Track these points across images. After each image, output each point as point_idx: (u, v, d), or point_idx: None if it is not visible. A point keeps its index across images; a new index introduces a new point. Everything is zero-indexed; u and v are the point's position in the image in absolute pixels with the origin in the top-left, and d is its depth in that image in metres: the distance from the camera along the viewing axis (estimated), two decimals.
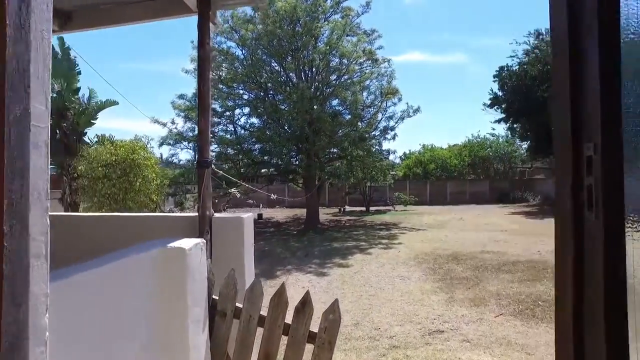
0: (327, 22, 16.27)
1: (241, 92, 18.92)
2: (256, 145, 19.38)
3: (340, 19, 16.65)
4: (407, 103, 18.96)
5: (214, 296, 2.32)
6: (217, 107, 18.96)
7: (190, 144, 18.94)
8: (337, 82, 17.51)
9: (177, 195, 22.29)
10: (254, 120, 19.79)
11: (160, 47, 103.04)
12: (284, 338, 2.74)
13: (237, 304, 2.30)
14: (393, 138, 18.77)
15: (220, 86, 18.06)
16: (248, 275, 3.18)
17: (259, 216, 22.44)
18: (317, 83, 17.43)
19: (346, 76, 16.93)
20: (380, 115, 18.71)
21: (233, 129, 19.88)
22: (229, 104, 18.89)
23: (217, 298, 2.29)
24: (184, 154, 24.95)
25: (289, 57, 17.06)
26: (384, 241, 13.79)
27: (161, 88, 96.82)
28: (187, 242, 2.01)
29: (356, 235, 15.63)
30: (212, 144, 19.74)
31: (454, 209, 26.96)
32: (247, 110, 19.44)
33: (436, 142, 57.43)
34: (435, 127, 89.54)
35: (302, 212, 22.38)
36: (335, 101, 18.48)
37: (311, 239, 15.31)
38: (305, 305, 2.16)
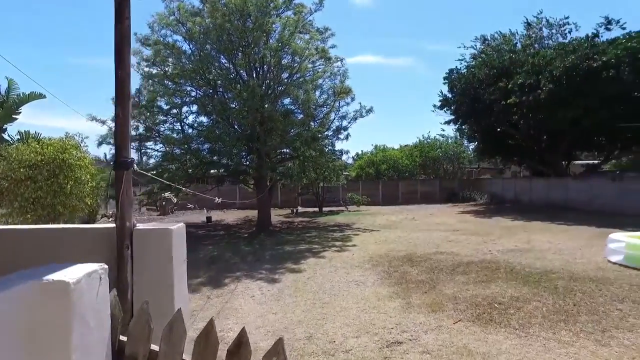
0: (279, 18, 15.72)
1: (189, 89, 17.95)
2: (205, 145, 18.47)
3: (293, 16, 16.15)
4: (360, 103, 18.84)
5: (121, 337, 1.77)
6: (163, 104, 17.90)
7: (133, 143, 17.72)
8: (289, 80, 17.00)
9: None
10: (203, 119, 18.90)
11: (102, 41, 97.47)
12: None
13: (152, 347, 1.75)
14: (346, 138, 18.57)
15: (166, 82, 17.02)
16: (179, 300, 2.61)
17: (208, 219, 21.49)
18: (268, 81, 16.84)
19: (298, 74, 16.45)
20: (333, 115, 18.43)
21: (180, 127, 18.82)
22: (176, 101, 17.85)
23: (125, 340, 1.74)
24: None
25: (240, 54, 16.34)
26: (337, 243, 13.46)
27: (103, 84, 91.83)
28: (75, 272, 1.44)
29: (309, 238, 15.21)
30: (157, 143, 18.74)
31: (406, 208, 27.28)
32: (195, 108, 18.49)
33: (388, 142, 58.40)
34: (387, 128, 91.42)
35: (254, 214, 21.66)
36: (287, 100, 17.98)
37: (262, 242, 14.70)
38: (240, 347, 1.64)
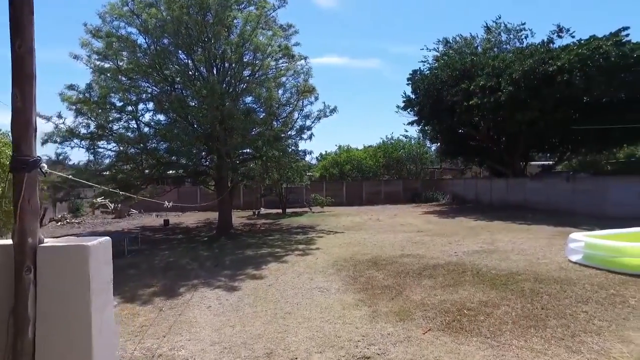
0: (240, 13, 15.06)
1: (145, 85, 16.94)
2: (162, 145, 17.53)
3: (255, 11, 15.55)
4: (324, 102, 18.48)
5: None
6: (117, 100, 16.83)
7: (84, 142, 16.55)
8: (251, 78, 16.39)
9: (68, 200, 19.50)
10: (161, 117, 17.93)
11: (50, 34, 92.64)
12: None
13: None
14: (310, 138, 18.13)
15: (121, 77, 15.98)
16: (99, 340, 2.06)
17: (165, 222, 20.49)
18: (229, 78, 16.13)
19: (260, 72, 15.85)
20: (296, 114, 17.98)
21: (136, 126, 17.75)
22: (131, 98, 16.82)
23: None
24: (76, 154, 22.00)
25: (199, 49, 15.57)
26: (300, 247, 13.02)
27: (51, 79, 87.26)
28: None
29: (271, 241, 14.68)
30: (109, 142, 17.58)
31: (370, 209, 27.22)
32: (152, 105, 17.51)
33: (352, 143, 58.56)
34: (352, 129, 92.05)
35: (215, 216, 20.84)
36: (249, 99, 17.36)
37: (222, 246, 14.06)
38: None
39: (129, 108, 17.08)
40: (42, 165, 2.11)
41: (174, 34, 14.45)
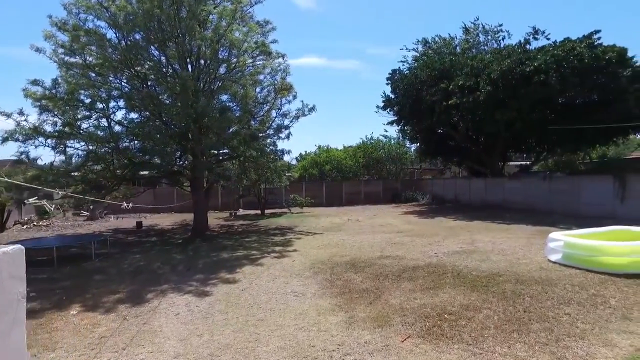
0: (214, 7, 14.52)
1: (115, 81, 16.21)
2: (135, 144, 16.86)
3: (230, 5, 15.04)
4: (302, 101, 18.14)
5: None
6: (85, 97, 16.06)
7: (49, 140, 15.73)
8: (227, 75, 15.87)
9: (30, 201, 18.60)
10: (134, 115, 17.23)
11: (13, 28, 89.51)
12: None
13: None
14: (287, 137, 17.73)
15: (91, 74, 15.22)
16: None
17: (138, 224, 19.76)
18: (204, 75, 15.59)
19: (237, 69, 15.35)
20: (274, 113, 17.54)
21: (107, 124, 17.00)
22: (102, 95, 16.09)
23: None
24: (42, 152, 20.95)
25: (172, 44, 14.97)
26: (277, 249, 12.62)
27: (12, 75, 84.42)
28: None
29: (248, 243, 14.23)
30: (78, 141, 16.77)
31: (349, 209, 26.98)
32: (123, 103, 16.77)
33: (332, 143, 58.31)
34: (332, 129, 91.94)
35: (191, 218, 20.21)
36: (225, 97, 16.85)
37: (197, 248, 13.54)
38: None
39: (100, 105, 16.36)
40: None
41: (145, 28, 13.84)
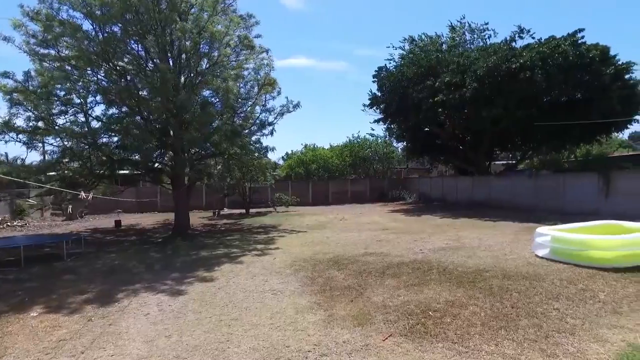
0: None
1: (93, 75, 15.59)
2: (115, 140, 16.30)
3: None
4: (287, 97, 17.76)
5: None
6: (61, 91, 15.43)
7: (21, 136, 15.08)
8: (209, 69, 15.39)
9: (4, 200, 17.87)
10: (114, 110, 16.62)
11: None
12: None
13: None
14: (271, 133, 17.33)
15: (67, 67, 14.61)
16: None
17: (117, 223, 19.15)
18: (185, 69, 15.09)
19: (219, 63, 14.87)
20: (258, 109, 17.14)
21: (85, 119, 16.37)
22: (80, 89, 15.48)
23: None
24: (13, 148, 20.13)
25: (151, 37, 14.44)
26: (259, 247, 12.22)
27: None
28: None
29: (229, 241, 13.80)
30: (53, 136, 16.09)
31: (336, 208, 26.68)
32: (101, 97, 16.15)
33: (318, 142, 57.95)
34: (319, 130, 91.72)
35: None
36: (207, 92, 16.37)
37: (176, 247, 13.06)
38: None
39: (77, 100, 15.76)
40: None
41: (123, 19, 13.31)
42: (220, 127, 14.49)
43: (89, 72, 15.17)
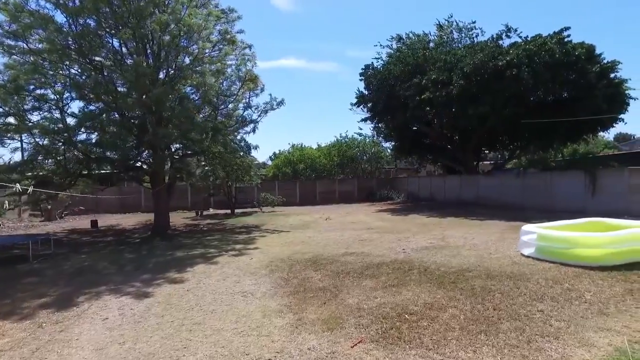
0: None
1: (67, 69, 14.94)
2: (91, 137, 15.68)
3: None
4: (271, 95, 17.33)
5: None
6: (34, 86, 14.78)
7: None
8: (189, 64, 14.87)
9: None
10: (93, 107, 15.98)
11: None
12: None
13: None
14: (253, 131, 16.88)
15: (41, 61, 13.98)
16: None
17: (93, 223, 18.53)
18: (164, 63, 14.54)
19: (199, 58, 14.35)
20: (240, 106, 16.66)
21: (60, 115, 15.72)
22: (56, 85, 14.84)
23: None
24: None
25: (128, 30, 13.89)
26: (238, 247, 11.76)
27: None
28: None
29: (208, 241, 13.32)
30: (24, 133, 15.38)
31: (323, 208, 26.27)
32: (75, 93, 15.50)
33: (306, 142, 57.40)
34: (308, 130, 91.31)
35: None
36: (189, 88, 15.84)
37: (153, 248, 12.54)
38: None
39: (52, 96, 15.12)
40: None
41: (96, 11, 12.76)
42: (200, 124, 13.98)
43: (61, 66, 14.55)
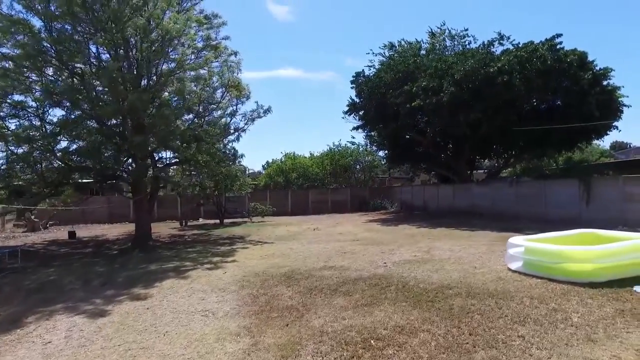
0: None
1: (38, 75, 14.37)
2: (67, 146, 15.20)
3: None
4: (257, 102, 16.94)
5: None
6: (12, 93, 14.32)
7: None
8: (171, 70, 14.44)
9: None
10: (64, 113, 15.46)
11: None
12: None
13: None
14: (237, 139, 16.46)
15: (4, 63, 13.44)
16: None
17: (70, 235, 17.98)
18: (144, 69, 14.08)
19: (175, 63, 13.92)
20: (220, 112, 16.21)
21: (40, 123, 15.24)
22: (37, 93, 14.38)
23: None
24: None
25: (102, 33, 13.39)
26: (215, 259, 11.24)
27: None
28: None
29: (188, 253, 12.79)
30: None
31: (314, 218, 25.78)
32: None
33: (299, 150, 56.86)
34: (304, 140, 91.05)
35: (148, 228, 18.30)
36: (167, 94, 15.41)
37: (128, 260, 12.01)
38: None
39: (33, 104, 14.64)
40: None
41: (70, 15, 12.32)
42: (179, 131, 13.50)
43: (38, 72, 14.05)
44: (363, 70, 25.85)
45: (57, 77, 14.25)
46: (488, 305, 5.73)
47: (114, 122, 14.67)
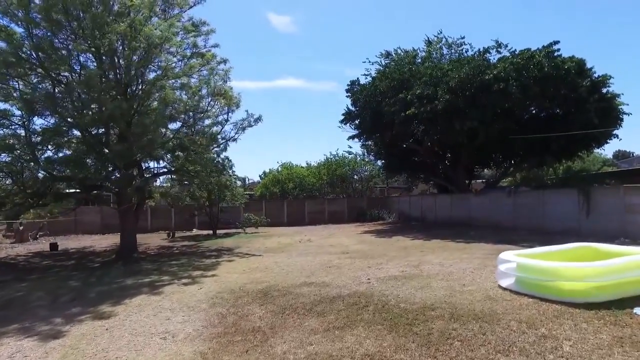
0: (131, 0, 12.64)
1: (14, 82, 13.98)
2: (50, 155, 14.80)
3: None
4: (247, 111, 16.56)
5: None
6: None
7: None
8: (149, 76, 14.06)
9: None
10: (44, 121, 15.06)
11: None
12: None
13: None
14: (225, 148, 16.05)
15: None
16: None
17: (52, 246, 17.49)
18: (127, 76, 13.71)
19: (161, 71, 13.56)
20: (210, 122, 15.82)
21: (25, 133, 14.87)
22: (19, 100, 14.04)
23: None
24: None
25: (81, 40, 13.00)
26: (195, 273, 10.72)
27: None
28: None
29: (169, 266, 12.28)
30: None
31: (308, 229, 25.23)
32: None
33: (295, 160, 56.35)
34: (304, 149, 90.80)
35: (139, 240, 17.67)
36: (155, 103, 15.04)
37: (105, 274, 11.51)
38: None
39: (18, 113, 14.26)
40: None
41: (49, 20, 11.97)
42: (157, 140, 13.06)
43: (18, 80, 13.68)
44: (358, 78, 25.56)
45: (39, 85, 13.91)
46: (471, 330, 5.19)
47: (98, 131, 14.30)
